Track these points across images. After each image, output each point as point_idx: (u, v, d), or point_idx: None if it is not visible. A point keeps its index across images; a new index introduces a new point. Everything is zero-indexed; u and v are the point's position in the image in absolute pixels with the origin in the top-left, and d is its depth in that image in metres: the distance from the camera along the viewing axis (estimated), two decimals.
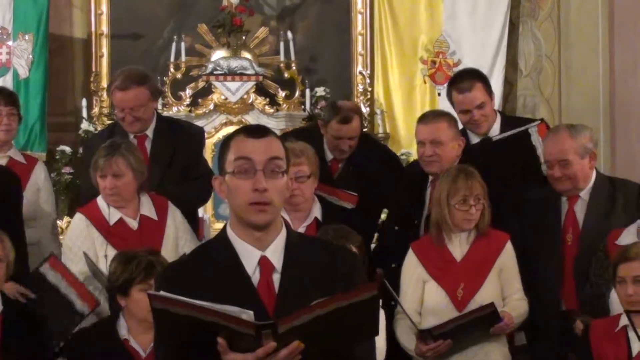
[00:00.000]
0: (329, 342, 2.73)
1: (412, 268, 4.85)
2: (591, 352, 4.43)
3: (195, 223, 5.59)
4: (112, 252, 4.74)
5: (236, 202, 2.89)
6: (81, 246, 4.91)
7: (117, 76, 5.61)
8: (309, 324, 2.65)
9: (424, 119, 5.30)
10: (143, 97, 5.48)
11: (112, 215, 4.97)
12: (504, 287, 4.82)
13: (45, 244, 5.57)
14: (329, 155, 5.79)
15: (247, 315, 2.65)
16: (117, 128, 5.69)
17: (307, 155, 4.85)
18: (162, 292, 2.76)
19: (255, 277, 2.88)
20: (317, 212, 4.89)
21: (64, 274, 4.53)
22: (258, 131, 2.93)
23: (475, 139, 5.59)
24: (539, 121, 5.55)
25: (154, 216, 5.05)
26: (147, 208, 5.05)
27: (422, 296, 4.82)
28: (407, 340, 4.78)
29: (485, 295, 4.72)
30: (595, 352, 4.42)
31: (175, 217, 5.11)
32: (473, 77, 5.64)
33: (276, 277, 2.88)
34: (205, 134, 8.24)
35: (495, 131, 5.57)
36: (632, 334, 4.38)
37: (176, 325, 2.71)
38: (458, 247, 4.81)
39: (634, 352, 4.34)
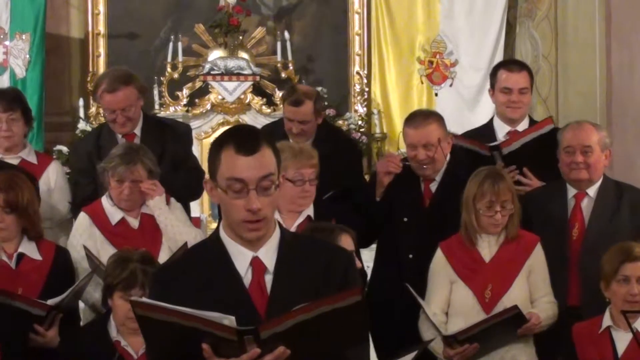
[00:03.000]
0: (315, 347, 2.72)
1: (440, 268, 4.82)
2: (576, 355, 4.42)
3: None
4: (113, 252, 4.73)
5: (229, 216, 2.88)
6: (84, 244, 4.91)
7: (102, 79, 5.61)
8: (292, 329, 2.64)
9: (413, 121, 5.16)
10: (132, 97, 5.50)
11: (115, 215, 4.99)
12: (533, 290, 4.77)
13: (62, 244, 5.52)
14: (291, 141, 5.76)
15: (229, 320, 2.64)
16: (104, 130, 5.69)
17: (317, 156, 4.79)
18: (143, 299, 2.78)
19: (247, 278, 2.86)
20: (310, 210, 4.82)
21: (3, 294, 4.50)
22: (249, 146, 2.84)
23: (503, 128, 5.61)
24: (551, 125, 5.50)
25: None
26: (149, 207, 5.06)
27: (449, 296, 4.80)
28: (435, 342, 4.72)
29: (514, 297, 4.68)
30: (581, 355, 4.41)
31: (174, 210, 5.12)
32: (522, 65, 5.83)
33: (268, 278, 2.87)
34: (202, 133, 8.33)
35: (523, 127, 5.59)
36: (616, 334, 4.38)
37: (160, 331, 2.70)
38: (487, 248, 4.77)
39: (620, 353, 4.34)
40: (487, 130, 5.73)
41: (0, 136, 5.54)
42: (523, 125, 5.61)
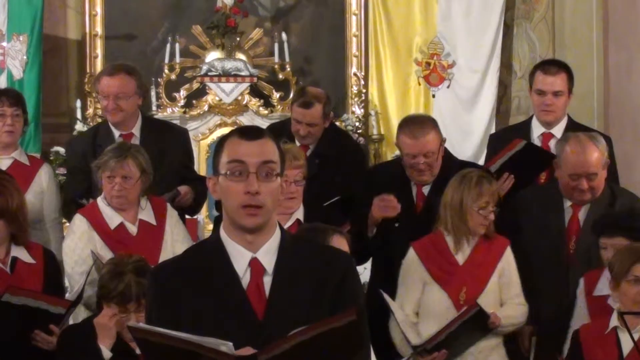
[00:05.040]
0: None
1: (413, 268, 4.83)
2: (582, 355, 4.42)
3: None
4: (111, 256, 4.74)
5: (229, 204, 2.87)
6: (84, 248, 4.89)
7: (105, 66, 5.62)
8: (290, 350, 2.62)
9: (410, 131, 5.09)
10: (129, 86, 5.49)
11: (113, 220, 4.96)
12: (502, 291, 4.81)
13: (52, 247, 5.51)
14: (297, 142, 5.78)
15: (226, 347, 2.63)
16: (101, 129, 5.69)
17: (303, 157, 4.84)
18: (140, 324, 2.77)
19: (245, 279, 2.86)
20: (299, 213, 4.84)
21: (27, 295, 4.48)
22: (252, 133, 2.90)
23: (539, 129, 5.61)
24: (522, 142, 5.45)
25: (153, 221, 5.04)
26: (146, 213, 5.04)
27: (420, 297, 4.81)
28: (403, 347, 4.76)
29: (487, 299, 4.73)
30: (587, 355, 4.41)
31: (171, 218, 5.11)
32: (560, 66, 5.75)
33: (267, 280, 2.86)
34: (200, 135, 8.32)
35: (559, 130, 5.59)
36: (622, 335, 4.38)
37: (159, 352, 2.69)
38: (460, 250, 4.80)
39: (625, 353, 4.34)
40: (523, 129, 5.71)
41: (4, 130, 5.55)
42: (559, 128, 5.58)
